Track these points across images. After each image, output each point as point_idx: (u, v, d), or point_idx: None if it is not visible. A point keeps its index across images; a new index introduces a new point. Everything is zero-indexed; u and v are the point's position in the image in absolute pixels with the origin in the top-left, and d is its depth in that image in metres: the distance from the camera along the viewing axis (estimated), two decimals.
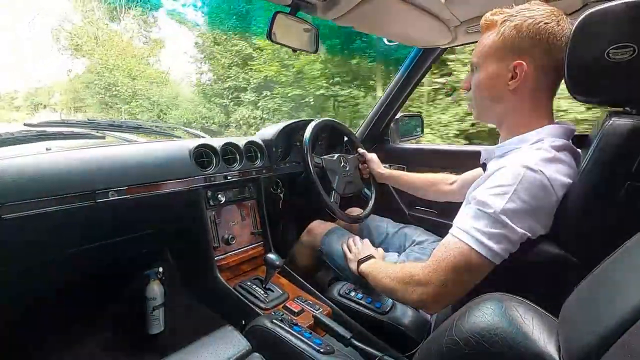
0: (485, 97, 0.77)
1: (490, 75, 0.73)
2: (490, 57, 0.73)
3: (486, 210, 0.64)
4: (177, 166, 1.08)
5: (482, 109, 0.79)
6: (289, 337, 0.77)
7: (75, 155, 0.94)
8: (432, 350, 0.46)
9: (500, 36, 0.71)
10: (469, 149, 1.66)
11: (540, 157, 0.64)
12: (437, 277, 0.67)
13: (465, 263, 0.64)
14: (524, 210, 0.62)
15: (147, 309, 1.18)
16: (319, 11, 1.04)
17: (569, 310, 0.41)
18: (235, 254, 1.21)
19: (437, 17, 1.13)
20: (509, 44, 0.70)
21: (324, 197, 1.20)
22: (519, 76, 0.69)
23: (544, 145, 0.67)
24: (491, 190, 0.65)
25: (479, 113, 0.81)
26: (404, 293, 0.74)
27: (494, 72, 0.73)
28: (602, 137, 0.57)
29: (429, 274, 0.69)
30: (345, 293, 1.07)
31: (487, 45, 0.73)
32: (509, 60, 0.70)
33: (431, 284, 0.68)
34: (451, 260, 0.66)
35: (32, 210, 0.78)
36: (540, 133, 0.70)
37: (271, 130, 1.42)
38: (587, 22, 0.58)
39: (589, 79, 0.60)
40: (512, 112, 0.74)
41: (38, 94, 14.16)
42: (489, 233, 0.63)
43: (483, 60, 0.74)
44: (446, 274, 0.66)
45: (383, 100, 1.70)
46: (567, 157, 0.67)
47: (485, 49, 0.73)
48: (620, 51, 0.54)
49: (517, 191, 0.62)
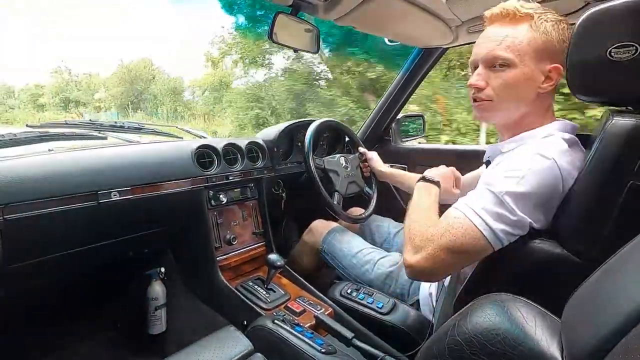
0: (512, 99, 0.71)
1: (526, 76, 0.68)
2: (528, 56, 0.67)
3: (493, 189, 0.64)
4: (178, 167, 1.08)
5: (502, 109, 0.73)
6: (291, 337, 0.77)
7: (77, 156, 0.95)
8: (434, 351, 0.46)
9: (541, 34, 0.66)
10: (471, 148, 1.66)
11: (554, 147, 0.64)
12: (428, 248, 0.65)
13: (461, 238, 0.63)
14: (529, 195, 0.62)
15: (149, 309, 1.18)
16: (320, 11, 1.04)
17: (572, 310, 0.40)
18: (237, 254, 1.22)
19: (438, 17, 1.13)
20: (549, 45, 0.66)
21: (326, 197, 1.20)
22: (554, 81, 0.67)
23: (556, 138, 0.67)
24: (501, 173, 0.65)
25: (494, 114, 0.74)
26: (403, 249, 0.72)
27: (531, 73, 0.68)
28: (604, 137, 0.57)
29: (423, 241, 0.67)
30: (347, 293, 1.07)
31: (525, 42, 0.67)
32: (547, 62, 0.67)
33: (421, 252, 0.66)
34: (448, 233, 0.64)
35: (34, 211, 0.79)
36: (549, 128, 0.70)
37: (272, 131, 1.42)
38: (589, 21, 0.58)
39: (591, 78, 0.60)
40: (531, 112, 0.72)
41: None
42: (492, 211, 0.63)
43: (520, 58, 0.67)
44: (438, 247, 0.64)
45: (384, 100, 1.69)
46: (576, 151, 0.68)
47: (523, 46, 0.67)
48: (622, 50, 0.54)
49: (526, 176, 0.62)
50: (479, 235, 0.63)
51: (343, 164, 1.34)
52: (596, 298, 0.38)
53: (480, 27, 1.17)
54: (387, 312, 0.98)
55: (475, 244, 0.63)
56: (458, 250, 0.64)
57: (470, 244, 0.63)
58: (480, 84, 0.72)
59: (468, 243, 0.63)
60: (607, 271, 0.39)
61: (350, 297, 1.05)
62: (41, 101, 18.15)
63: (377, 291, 1.06)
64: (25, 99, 18.72)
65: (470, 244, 0.63)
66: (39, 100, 18.24)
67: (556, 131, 0.69)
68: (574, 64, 0.60)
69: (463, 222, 0.64)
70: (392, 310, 0.98)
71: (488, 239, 0.62)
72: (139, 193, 0.96)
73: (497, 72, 0.70)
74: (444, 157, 1.65)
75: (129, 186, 0.94)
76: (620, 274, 0.38)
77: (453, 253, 0.64)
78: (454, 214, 0.67)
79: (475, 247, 0.63)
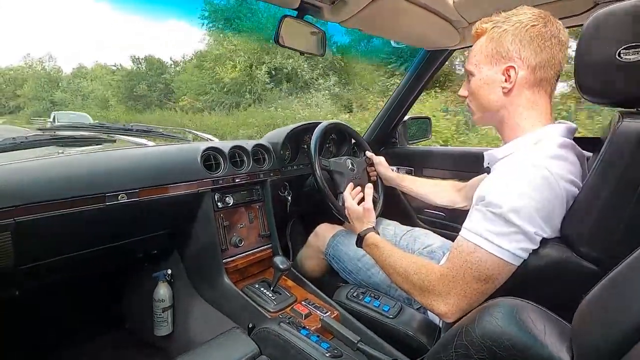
0: (482, 103, 0.78)
1: (485, 81, 0.76)
2: (482, 63, 0.76)
3: (495, 210, 0.64)
4: (185, 169, 1.09)
5: (481, 114, 0.81)
6: (297, 340, 0.77)
7: (86, 158, 0.96)
8: (441, 355, 0.46)
9: (490, 42, 0.74)
10: (477, 150, 1.65)
11: (543, 154, 0.65)
12: (457, 288, 0.67)
13: (484, 269, 0.64)
14: (532, 207, 0.61)
15: (155, 311, 1.19)
16: (326, 14, 1.05)
17: (582, 315, 0.40)
18: (243, 257, 1.22)
19: (445, 18, 1.12)
20: (499, 49, 0.72)
21: (332, 200, 1.20)
22: (512, 79, 0.72)
23: (546, 143, 0.68)
24: (498, 190, 0.65)
25: (479, 118, 0.82)
26: (422, 300, 0.73)
27: (488, 77, 0.75)
28: (612, 139, 0.56)
29: (449, 285, 0.68)
30: (353, 297, 1.06)
31: (478, 51, 0.76)
32: (501, 64, 0.73)
33: (452, 295, 0.67)
34: (469, 269, 0.65)
35: (44, 212, 0.80)
36: (540, 133, 0.71)
37: (279, 133, 1.42)
38: (598, 22, 0.57)
39: (600, 79, 0.59)
40: (510, 115, 0.75)
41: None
42: (501, 233, 0.63)
43: (476, 67, 0.77)
44: (465, 283, 0.66)
45: (391, 102, 1.69)
46: (570, 154, 0.68)
47: (477, 55, 0.76)
48: (631, 51, 0.53)
49: (523, 189, 0.62)
50: (498, 261, 0.63)
51: (349, 166, 1.34)
52: (607, 304, 0.38)
53: None
54: (393, 316, 0.97)
55: (500, 270, 0.64)
56: (485, 279, 0.64)
57: (494, 270, 0.64)
58: (463, 94, 0.84)
59: (491, 268, 0.64)
60: (618, 276, 0.39)
61: (357, 301, 1.05)
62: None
63: (383, 295, 1.05)
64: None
65: (494, 269, 0.64)
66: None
67: (548, 135, 0.70)
68: (583, 65, 0.60)
69: (479, 254, 0.65)
70: (399, 314, 0.97)
71: (508, 261, 0.63)
72: (146, 195, 0.97)
73: (467, 82, 0.81)
74: (449, 159, 1.64)
75: (136, 188, 0.95)
76: (631, 279, 0.37)
77: (480, 281, 0.65)
78: (466, 248, 0.67)
79: (500, 273, 0.64)
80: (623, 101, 0.60)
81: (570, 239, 0.62)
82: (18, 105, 28.30)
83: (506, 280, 0.65)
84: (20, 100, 27.92)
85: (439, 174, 1.62)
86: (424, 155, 1.73)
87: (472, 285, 0.65)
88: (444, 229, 1.47)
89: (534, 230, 0.62)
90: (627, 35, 0.54)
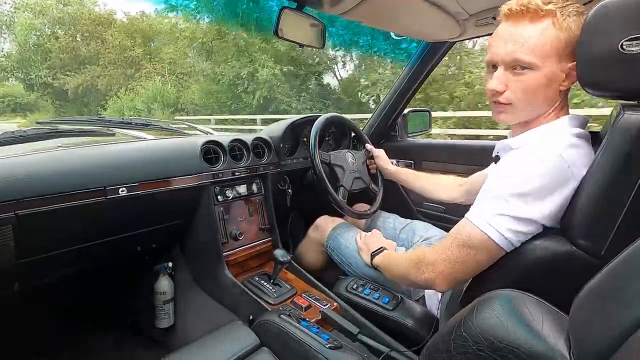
0: (533, 101, 0.68)
1: (548, 78, 0.65)
2: (551, 57, 0.63)
3: (500, 192, 0.64)
4: (185, 163, 1.09)
5: (522, 111, 0.70)
6: (297, 332, 0.77)
7: (86, 152, 0.96)
8: (440, 346, 0.46)
9: (564, 32, 0.62)
10: (477, 144, 1.65)
11: (560, 143, 0.63)
12: (446, 255, 0.69)
13: (473, 243, 0.66)
14: (538, 194, 0.61)
15: (156, 304, 1.20)
16: (326, 6, 1.04)
17: (579, 307, 0.40)
18: (243, 250, 1.22)
19: (445, 10, 1.11)
20: (571, 43, 0.62)
21: (331, 193, 1.20)
22: (574, 78, 0.64)
23: (564, 132, 0.66)
24: (509, 174, 0.65)
25: (515, 116, 0.71)
26: (415, 274, 0.76)
27: (553, 73, 0.65)
28: (614, 132, 0.56)
29: (438, 252, 0.71)
30: (352, 289, 1.07)
31: (548, 43, 0.63)
32: (567, 60, 0.64)
33: (440, 262, 0.70)
34: (460, 239, 0.67)
35: (44, 206, 0.80)
36: (558, 124, 0.69)
37: (278, 127, 1.42)
38: (601, 13, 0.56)
39: (602, 71, 0.58)
40: (550, 110, 0.70)
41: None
42: (499, 215, 0.63)
43: (542, 60, 0.63)
44: (454, 252, 0.68)
45: (391, 95, 1.68)
46: (585, 145, 0.66)
47: (546, 48, 0.63)
48: (634, 42, 0.53)
49: (534, 175, 0.61)
50: (483, 235, 0.64)
51: (349, 159, 1.34)
52: (605, 295, 0.38)
53: (488, 20, 1.15)
54: (392, 308, 0.98)
55: (484, 245, 0.65)
56: (470, 246, 0.66)
57: (479, 244, 0.65)
58: (500, 88, 0.68)
59: (476, 240, 0.65)
60: (616, 268, 0.39)
61: (356, 293, 1.06)
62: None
63: (382, 287, 1.06)
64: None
65: (480, 243, 0.65)
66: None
67: (565, 126, 0.68)
68: (585, 57, 0.59)
69: (469, 227, 0.67)
70: (398, 306, 0.98)
71: (497, 241, 0.63)
72: (146, 189, 0.97)
73: (518, 75, 0.66)
74: (449, 152, 1.64)
75: (136, 182, 0.95)
76: (629, 271, 0.37)
77: (466, 247, 0.66)
78: (461, 223, 0.69)
79: (485, 248, 0.65)
80: (625, 93, 0.60)
81: (569, 231, 0.62)
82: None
83: (505, 272, 0.65)
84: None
85: (439, 167, 1.62)
86: (424, 148, 1.73)
87: (460, 254, 0.67)
88: (444, 222, 1.48)
89: (534, 217, 0.62)
90: (630, 26, 0.53)
